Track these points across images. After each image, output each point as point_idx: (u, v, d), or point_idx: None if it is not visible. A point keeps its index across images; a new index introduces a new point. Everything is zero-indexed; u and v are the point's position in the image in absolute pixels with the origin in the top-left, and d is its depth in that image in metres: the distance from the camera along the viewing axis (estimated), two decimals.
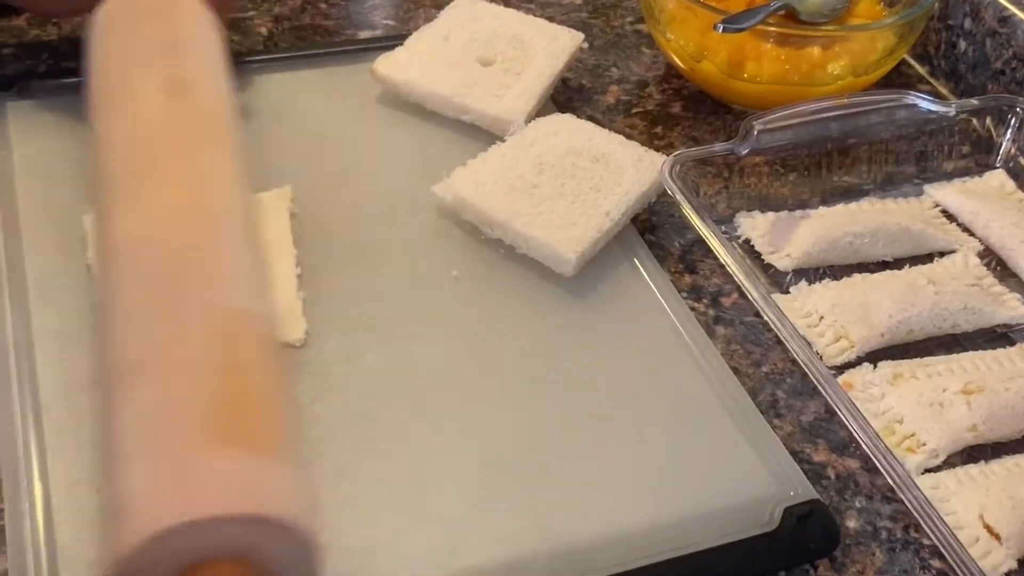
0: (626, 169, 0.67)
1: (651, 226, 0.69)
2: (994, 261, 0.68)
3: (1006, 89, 0.78)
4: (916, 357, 0.61)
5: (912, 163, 0.74)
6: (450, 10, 0.79)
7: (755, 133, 0.67)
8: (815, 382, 0.57)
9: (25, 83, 0.71)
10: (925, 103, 0.71)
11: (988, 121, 0.74)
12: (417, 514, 0.51)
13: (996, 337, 0.64)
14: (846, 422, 0.55)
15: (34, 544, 0.48)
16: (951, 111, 0.72)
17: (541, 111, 0.74)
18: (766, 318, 0.60)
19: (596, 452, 0.55)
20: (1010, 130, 0.74)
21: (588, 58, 0.82)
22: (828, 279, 0.65)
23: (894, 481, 0.52)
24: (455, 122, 0.73)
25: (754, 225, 0.68)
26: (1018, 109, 0.74)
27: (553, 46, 0.76)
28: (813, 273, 0.66)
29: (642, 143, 0.69)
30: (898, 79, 0.84)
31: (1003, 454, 0.57)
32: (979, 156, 0.75)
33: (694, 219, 0.64)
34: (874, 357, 0.61)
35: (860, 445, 0.54)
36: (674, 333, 0.61)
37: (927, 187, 0.73)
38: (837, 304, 0.62)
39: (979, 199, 0.71)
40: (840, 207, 0.70)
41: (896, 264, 0.67)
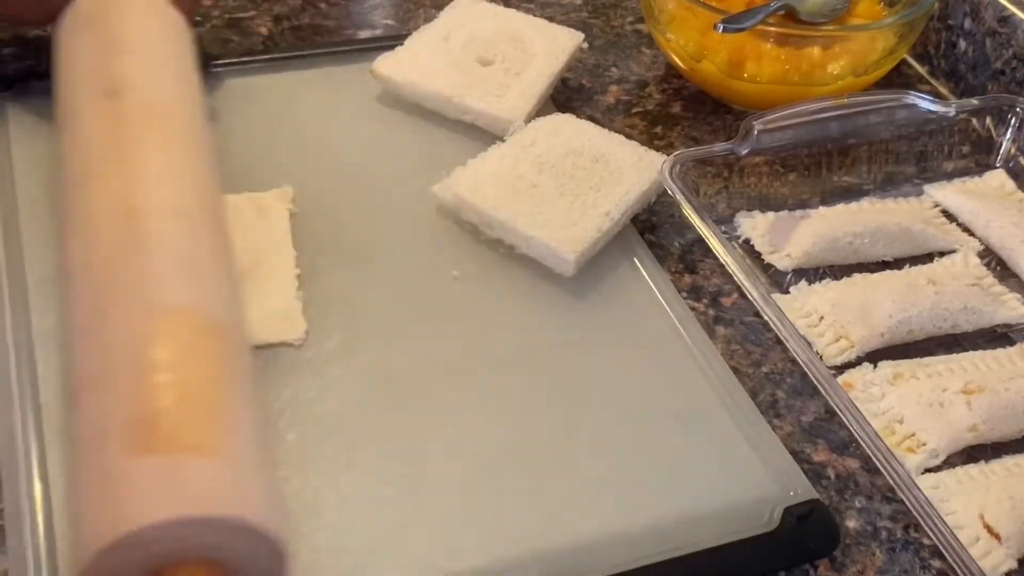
0: (626, 169, 0.67)
1: (651, 226, 0.69)
2: (994, 261, 0.68)
3: (1006, 89, 0.78)
4: (916, 357, 0.61)
5: (912, 163, 0.74)
6: (450, 10, 0.79)
7: (755, 133, 0.67)
8: (815, 382, 0.57)
9: (25, 83, 0.71)
10: (925, 103, 0.71)
11: (988, 121, 0.74)
12: (417, 514, 0.51)
13: (996, 337, 0.64)
14: (846, 422, 0.55)
15: (34, 544, 0.48)
16: (951, 111, 0.72)
17: (541, 111, 0.74)
18: (766, 318, 0.60)
19: (596, 452, 0.55)
20: (1010, 130, 0.74)
21: (588, 58, 0.82)
22: (828, 279, 0.65)
23: (894, 481, 0.52)
24: (455, 122, 0.73)
25: (754, 225, 0.68)
26: (1018, 109, 0.74)
27: (553, 46, 0.76)
28: (813, 273, 0.66)
29: (642, 143, 0.69)
30: (898, 79, 0.84)
31: (1003, 454, 0.57)
32: (979, 156, 0.75)
33: (694, 219, 0.64)
34: (874, 357, 0.61)
35: (860, 445, 0.54)
36: (674, 333, 0.61)
37: (927, 187, 0.73)
38: (837, 304, 0.62)
39: (979, 199, 0.71)
40: (840, 207, 0.70)
41: (896, 264, 0.67)
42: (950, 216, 0.71)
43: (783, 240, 0.67)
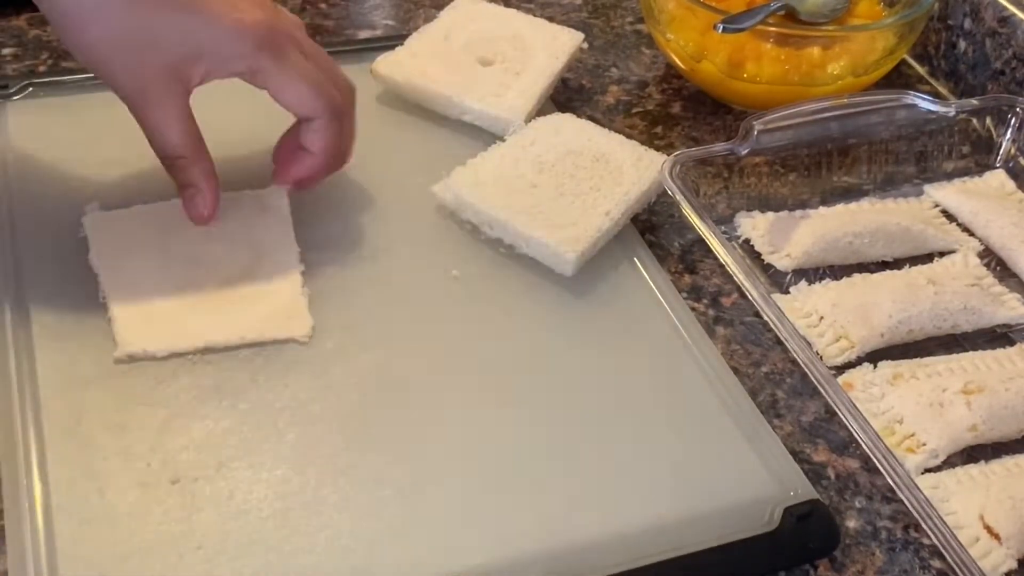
0: (626, 169, 0.67)
1: (651, 226, 0.69)
2: (994, 261, 0.68)
3: (1006, 89, 0.78)
4: (916, 357, 0.61)
5: (912, 163, 0.74)
6: (450, 10, 0.79)
7: (755, 133, 0.67)
8: (815, 382, 0.57)
9: (25, 83, 0.71)
10: (925, 103, 0.71)
11: (988, 121, 0.74)
12: (417, 514, 0.51)
13: (996, 337, 0.64)
14: (846, 422, 0.55)
15: (34, 544, 0.48)
16: (951, 111, 0.72)
17: (541, 111, 0.74)
18: (766, 318, 0.60)
19: (596, 452, 0.54)
20: (1010, 130, 0.74)
21: (588, 58, 0.82)
22: (828, 279, 0.65)
23: (894, 481, 0.52)
24: (455, 122, 0.73)
25: (754, 225, 0.68)
26: (1018, 109, 0.74)
27: (553, 46, 0.76)
28: (813, 273, 0.66)
29: (642, 143, 0.69)
30: (898, 79, 0.84)
31: (1003, 454, 0.57)
32: (979, 156, 0.75)
33: (694, 219, 0.64)
34: (874, 357, 0.61)
35: (860, 445, 0.54)
36: (674, 333, 0.61)
37: (927, 187, 0.73)
38: (837, 304, 0.62)
39: (979, 199, 0.71)
40: (840, 207, 0.70)
41: (896, 264, 0.67)
42: (950, 216, 0.71)
43: (783, 240, 0.67)
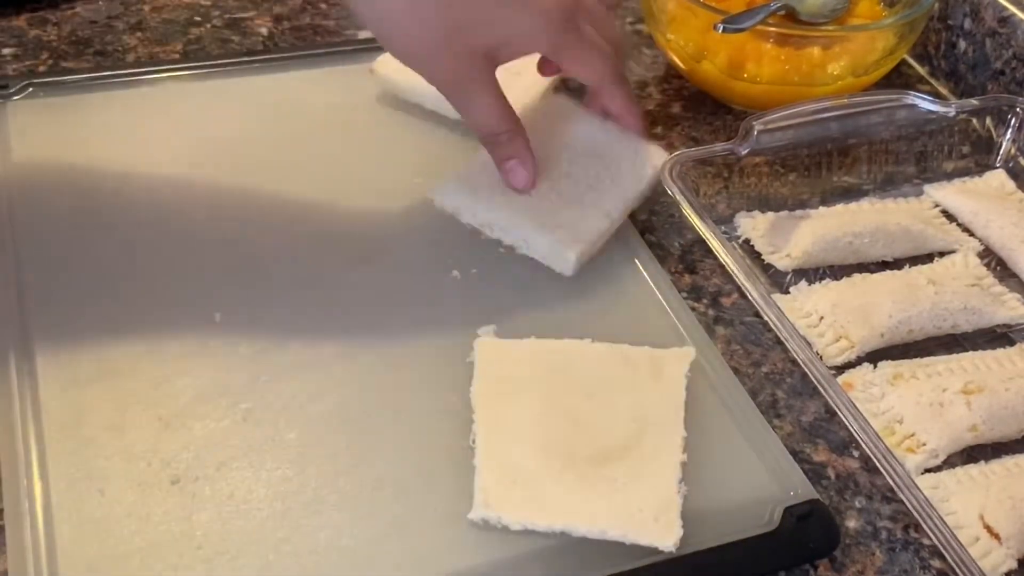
0: (624, 166, 0.67)
1: (651, 226, 0.69)
2: (994, 261, 0.68)
3: (1006, 89, 0.78)
4: (916, 357, 0.61)
5: (912, 163, 0.74)
6: None
7: (755, 133, 0.67)
8: (815, 382, 0.57)
9: (25, 83, 0.71)
10: (925, 103, 0.71)
11: (988, 121, 0.74)
12: (417, 513, 0.51)
13: (996, 337, 0.64)
14: (846, 422, 0.55)
15: (34, 544, 0.48)
16: (951, 111, 0.73)
17: None
18: (766, 318, 0.60)
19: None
20: (1010, 130, 0.74)
21: None
22: (828, 279, 0.65)
23: (894, 481, 0.52)
24: (455, 122, 0.73)
25: (754, 225, 0.68)
26: (1018, 109, 0.74)
27: None
28: (813, 273, 0.66)
29: None
30: (898, 79, 0.84)
31: (1003, 454, 0.57)
32: (979, 156, 0.75)
33: (694, 219, 0.64)
34: (874, 357, 0.61)
35: (860, 445, 0.54)
36: (674, 333, 0.61)
37: (927, 187, 0.73)
38: (837, 304, 0.62)
39: (979, 199, 0.71)
40: (840, 207, 0.70)
41: (896, 264, 0.67)
42: (950, 216, 0.71)
43: (783, 240, 0.67)
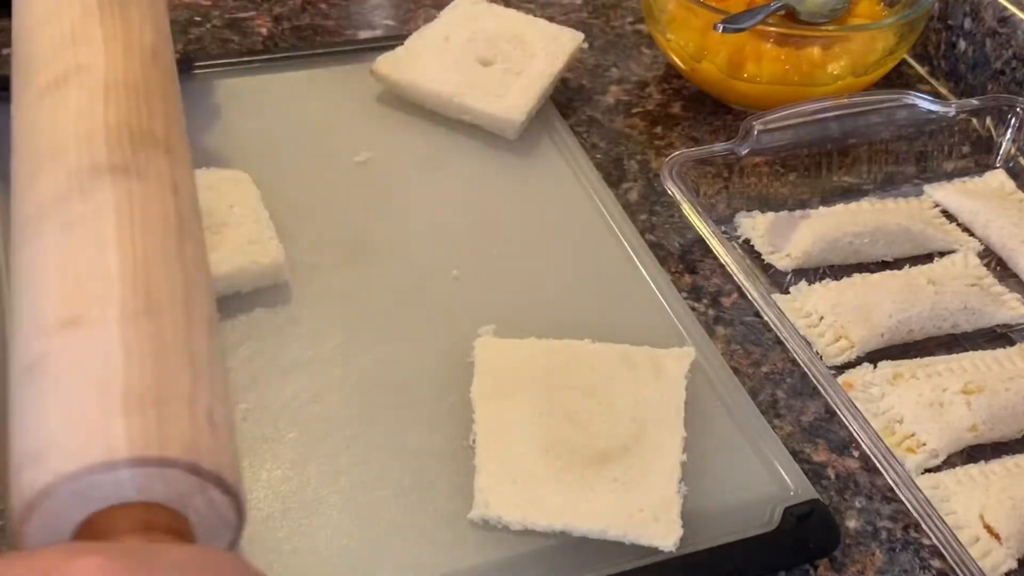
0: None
1: (651, 226, 0.69)
2: (994, 261, 0.68)
3: (1006, 89, 0.78)
4: (916, 357, 0.61)
5: (912, 163, 0.74)
6: (450, 10, 0.79)
7: (755, 133, 0.67)
8: (815, 382, 0.57)
9: None
10: (925, 103, 0.71)
11: (988, 121, 0.74)
12: (417, 513, 0.51)
13: (996, 337, 0.64)
14: (846, 422, 0.55)
15: None
16: (951, 111, 0.73)
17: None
18: (766, 318, 0.60)
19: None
20: (1010, 130, 0.74)
21: (588, 58, 0.82)
22: (828, 279, 0.65)
23: (894, 481, 0.52)
24: (455, 122, 0.73)
25: (754, 225, 0.68)
26: (1018, 109, 0.74)
27: (553, 46, 0.76)
28: (813, 273, 0.66)
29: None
30: (898, 79, 0.84)
31: (1003, 454, 0.57)
32: (979, 156, 0.75)
33: (694, 219, 0.64)
34: (874, 357, 0.61)
35: (860, 445, 0.54)
36: (674, 333, 0.61)
37: (927, 187, 0.73)
38: (837, 304, 0.62)
39: (979, 199, 0.71)
40: (840, 207, 0.70)
41: (896, 264, 0.67)
42: (950, 216, 0.71)
43: (783, 240, 0.67)
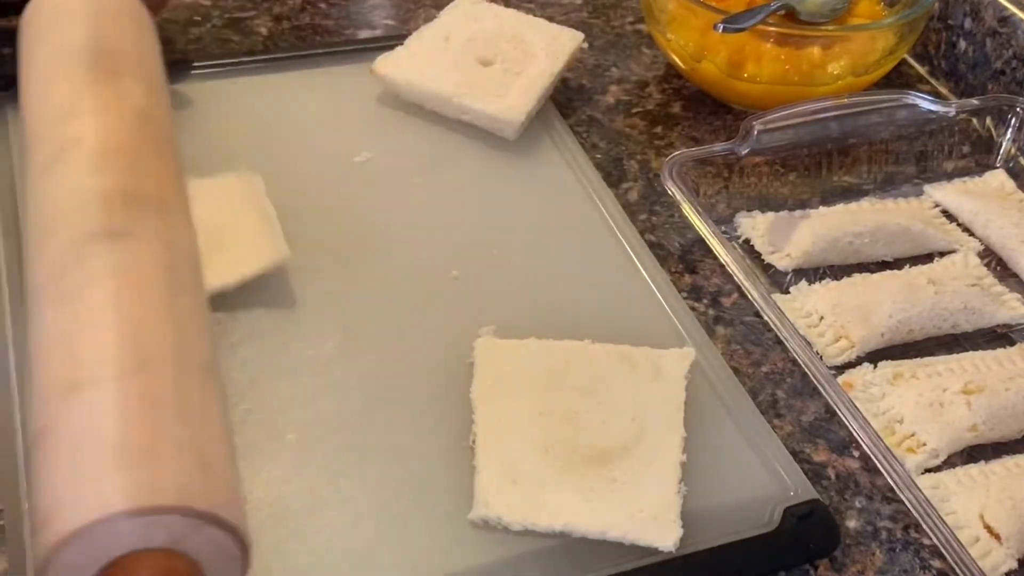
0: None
1: (651, 226, 0.69)
2: (994, 261, 0.68)
3: (1006, 89, 0.78)
4: (916, 357, 0.61)
5: (912, 163, 0.74)
6: (450, 10, 0.79)
7: (755, 133, 0.67)
8: (815, 382, 0.57)
9: None
10: (925, 103, 0.71)
11: (988, 121, 0.74)
12: (417, 514, 0.51)
13: (996, 337, 0.64)
14: (846, 422, 0.55)
15: (34, 544, 0.48)
16: (951, 111, 0.73)
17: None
18: (766, 318, 0.60)
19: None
20: (1010, 130, 0.74)
21: (588, 58, 0.82)
22: (828, 279, 0.65)
23: (894, 481, 0.52)
24: (455, 122, 0.73)
25: (754, 225, 0.68)
26: (1018, 109, 0.74)
27: (553, 46, 0.76)
28: (813, 273, 0.66)
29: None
30: (898, 79, 0.84)
31: (1003, 454, 0.57)
32: (979, 156, 0.75)
33: (694, 219, 0.64)
34: (874, 357, 0.61)
35: (860, 445, 0.54)
36: (674, 333, 0.61)
37: (927, 187, 0.73)
38: (837, 304, 0.62)
39: (979, 199, 0.71)
40: (840, 207, 0.70)
41: (896, 264, 0.67)
42: (950, 216, 0.71)
43: (783, 240, 0.67)
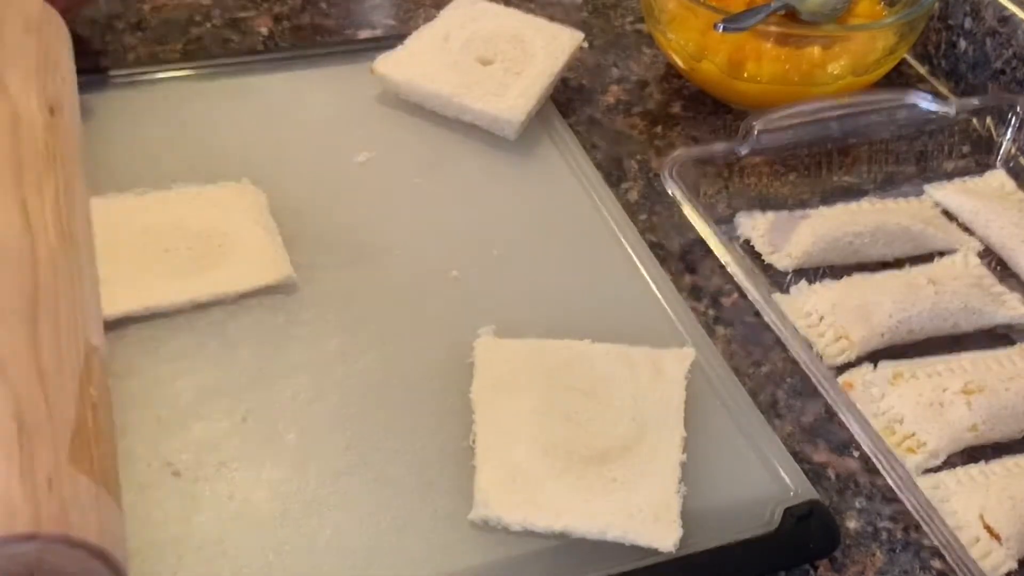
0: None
1: (651, 226, 0.69)
2: (994, 261, 0.68)
3: (1006, 89, 0.78)
4: (916, 357, 0.61)
5: (912, 163, 0.74)
6: (450, 10, 0.79)
7: (755, 133, 0.67)
8: (815, 382, 0.57)
9: None
10: (925, 103, 0.71)
11: (988, 121, 0.74)
12: (416, 514, 0.51)
13: (996, 337, 0.64)
14: (846, 422, 0.55)
15: None
16: (951, 111, 0.72)
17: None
18: (766, 318, 0.60)
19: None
20: (1010, 130, 0.74)
21: (588, 58, 0.82)
22: (828, 279, 0.65)
23: (894, 481, 0.52)
24: (455, 122, 0.73)
25: (754, 225, 0.68)
26: (1018, 109, 0.74)
27: (553, 46, 0.76)
28: (813, 273, 0.66)
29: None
30: (898, 79, 0.84)
31: (1003, 454, 0.57)
32: (979, 156, 0.75)
33: (694, 219, 0.64)
34: (874, 357, 0.61)
35: (860, 445, 0.54)
36: (674, 333, 0.61)
37: (927, 187, 0.73)
38: (837, 304, 0.62)
39: (979, 199, 0.71)
40: (840, 207, 0.70)
41: (896, 264, 0.67)
42: (950, 216, 0.71)
43: (783, 240, 0.67)
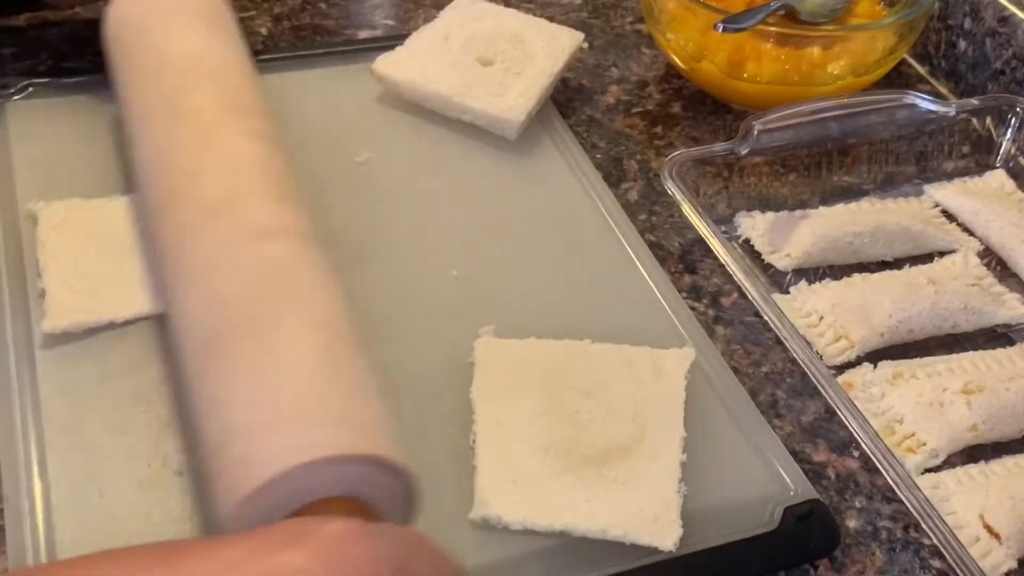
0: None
1: (651, 226, 0.69)
2: (994, 261, 0.69)
3: (1006, 89, 0.78)
4: (916, 357, 0.61)
5: (912, 163, 0.74)
6: (450, 10, 0.79)
7: (755, 133, 0.67)
8: (815, 382, 0.57)
9: (25, 83, 0.71)
10: (925, 103, 0.71)
11: (988, 121, 0.74)
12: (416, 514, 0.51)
13: (996, 337, 0.64)
14: (846, 422, 0.55)
15: (34, 544, 0.48)
16: (951, 111, 0.73)
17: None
18: (766, 318, 0.60)
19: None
20: (1010, 130, 0.74)
21: (588, 58, 0.82)
22: (828, 279, 0.65)
23: (894, 481, 0.52)
24: (455, 122, 0.73)
25: (754, 225, 0.68)
26: (1018, 109, 0.74)
27: (553, 46, 0.76)
28: (813, 273, 0.66)
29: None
30: (898, 79, 0.84)
31: (1003, 454, 0.57)
32: (979, 156, 0.75)
33: (694, 219, 0.64)
34: (874, 357, 0.61)
35: (860, 445, 0.54)
36: (674, 333, 0.61)
37: (927, 187, 0.73)
38: (837, 304, 0.62)
39: (979, 199, 0.71)
40: (840, 207, 0.70)
41: (896, 264, 0.67)
42: (950, 216, 0.71)
43: (783, 240, 0.67)
